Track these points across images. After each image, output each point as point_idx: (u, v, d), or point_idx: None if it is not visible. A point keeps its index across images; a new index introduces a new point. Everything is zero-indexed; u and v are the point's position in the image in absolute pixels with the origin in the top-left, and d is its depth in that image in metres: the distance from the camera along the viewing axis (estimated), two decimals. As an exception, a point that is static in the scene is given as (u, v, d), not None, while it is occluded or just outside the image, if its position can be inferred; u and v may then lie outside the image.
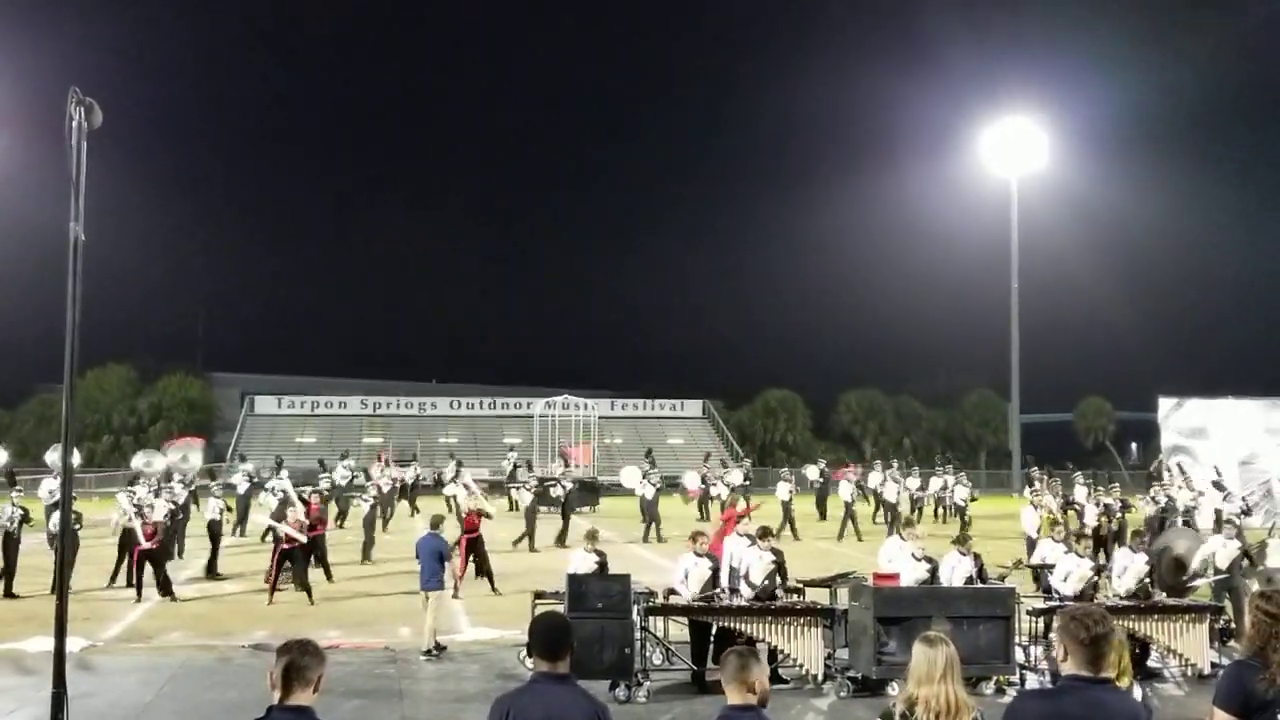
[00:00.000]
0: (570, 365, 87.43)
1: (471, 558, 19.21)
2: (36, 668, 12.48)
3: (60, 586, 6.77)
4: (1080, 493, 25.78)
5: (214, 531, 20.90)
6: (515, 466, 36.64)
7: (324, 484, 29.96)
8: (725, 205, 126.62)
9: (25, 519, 19.14)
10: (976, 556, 13.20)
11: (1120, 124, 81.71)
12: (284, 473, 24.75)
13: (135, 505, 18.98)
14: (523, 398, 66.91)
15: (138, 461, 27.81)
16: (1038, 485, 25.60)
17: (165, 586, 17.89)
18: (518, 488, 32.44)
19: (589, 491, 36.47)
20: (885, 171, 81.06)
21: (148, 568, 18.05)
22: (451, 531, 17.50)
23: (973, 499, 31.12)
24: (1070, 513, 24.30)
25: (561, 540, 25.70)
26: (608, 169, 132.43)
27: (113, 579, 19.33)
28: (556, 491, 28.70)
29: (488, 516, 20.20)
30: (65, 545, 6.80)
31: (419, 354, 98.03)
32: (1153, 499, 25.76)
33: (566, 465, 32.53)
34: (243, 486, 29.72)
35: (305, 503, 20.15)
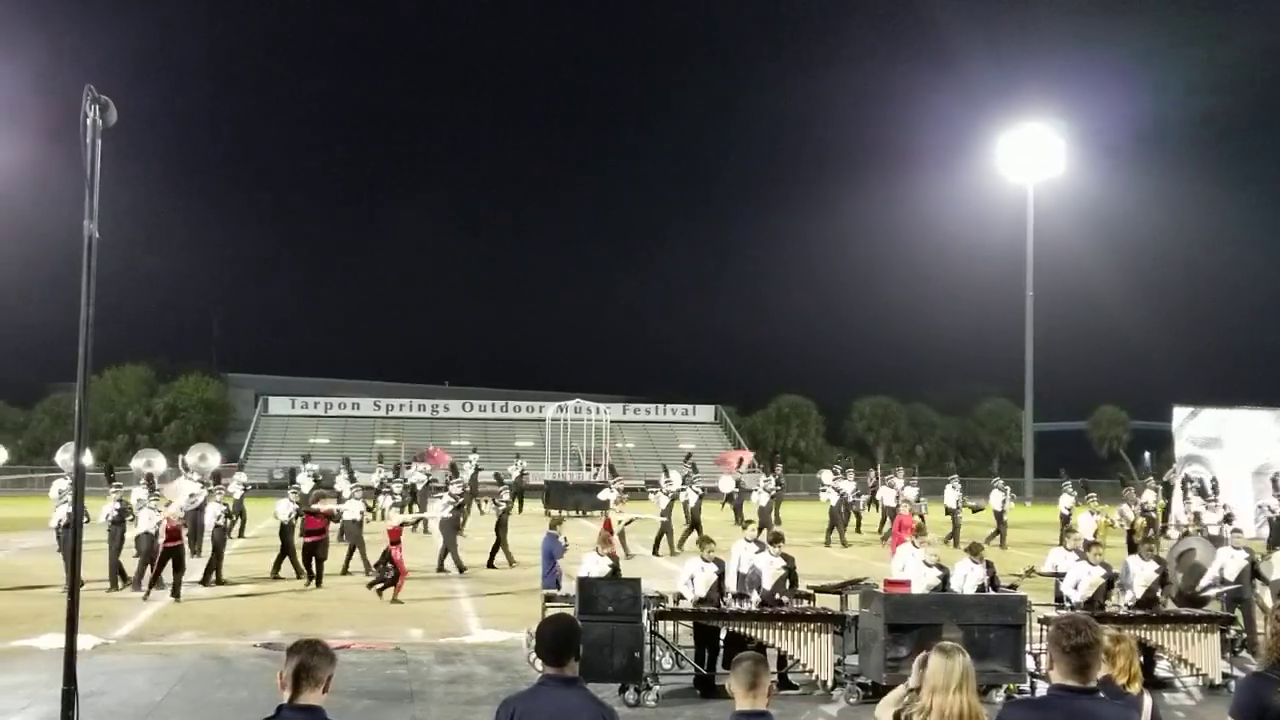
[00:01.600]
0: (582, 369, 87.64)
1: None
2: (47, 664, 12.52)
3: (72, 584, 6.80)
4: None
5: (216, 539, 20.25)
6: (476, 470, 36.21)
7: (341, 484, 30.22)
8: (740, 210, 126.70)
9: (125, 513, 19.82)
10: (989, 565, 13.17)
11: (1137, 131, 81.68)
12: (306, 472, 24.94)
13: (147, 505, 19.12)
14: (534, 401, 67.00)
15: (137, 462, 27.86)
16: (1095, 494, 25.70)
17: (176, 588, 17.91)
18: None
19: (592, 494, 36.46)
20: (901, 178, 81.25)
21: (168, 566, 18.08)
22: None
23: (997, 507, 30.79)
24: (1140, 521, 24.40)
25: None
26: (622, 174, 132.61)
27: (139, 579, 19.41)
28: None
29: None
30: (78, 543, 6.83)
31: (431, 356, 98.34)
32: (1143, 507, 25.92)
33: (615, 475, 32.08)
34: (307, 485, 30.14)
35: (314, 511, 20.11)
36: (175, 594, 17.83)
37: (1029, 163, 58.70)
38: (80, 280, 6.48)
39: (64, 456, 25.53)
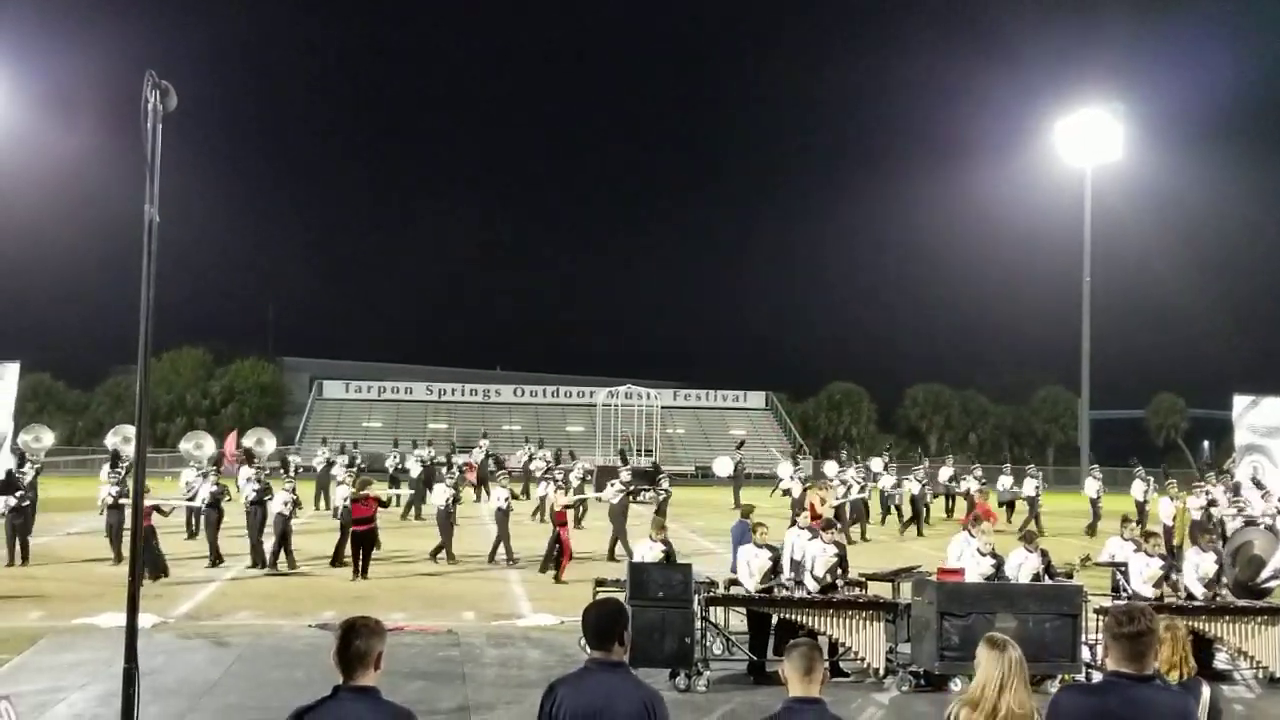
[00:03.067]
0: (634, 355, 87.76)
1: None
2: (107, 643, 12.77)
3: (133, 564, 6.91)
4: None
5: (281, 527, 19.93)
6: (488, 455, 36.17)
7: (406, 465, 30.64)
8: (793, 197, 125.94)
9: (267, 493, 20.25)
10: (1044, 553, 13.04)
11: (1198, 113, 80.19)
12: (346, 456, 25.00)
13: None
14: (585, 386, 67.13)
15: (186, 445, 28.25)
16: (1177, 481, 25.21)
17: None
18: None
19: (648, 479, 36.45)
20: (957, 163, 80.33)
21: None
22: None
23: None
24: (1208, 512, 23.97)
25: None
26: (674, 160, 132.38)
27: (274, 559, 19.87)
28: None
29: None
30: (138, 525, 6.93)
31: (483, 342, 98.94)
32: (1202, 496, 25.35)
33: (625, 462, 32.01)
34: (416, 470, 30.84)
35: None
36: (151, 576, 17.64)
37: (1087, 147, 57.76)
38: (141, 264, 6.56)
39: (114, 439, 25.85)
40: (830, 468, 33.64)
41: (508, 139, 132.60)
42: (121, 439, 25.57)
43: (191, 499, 21.91)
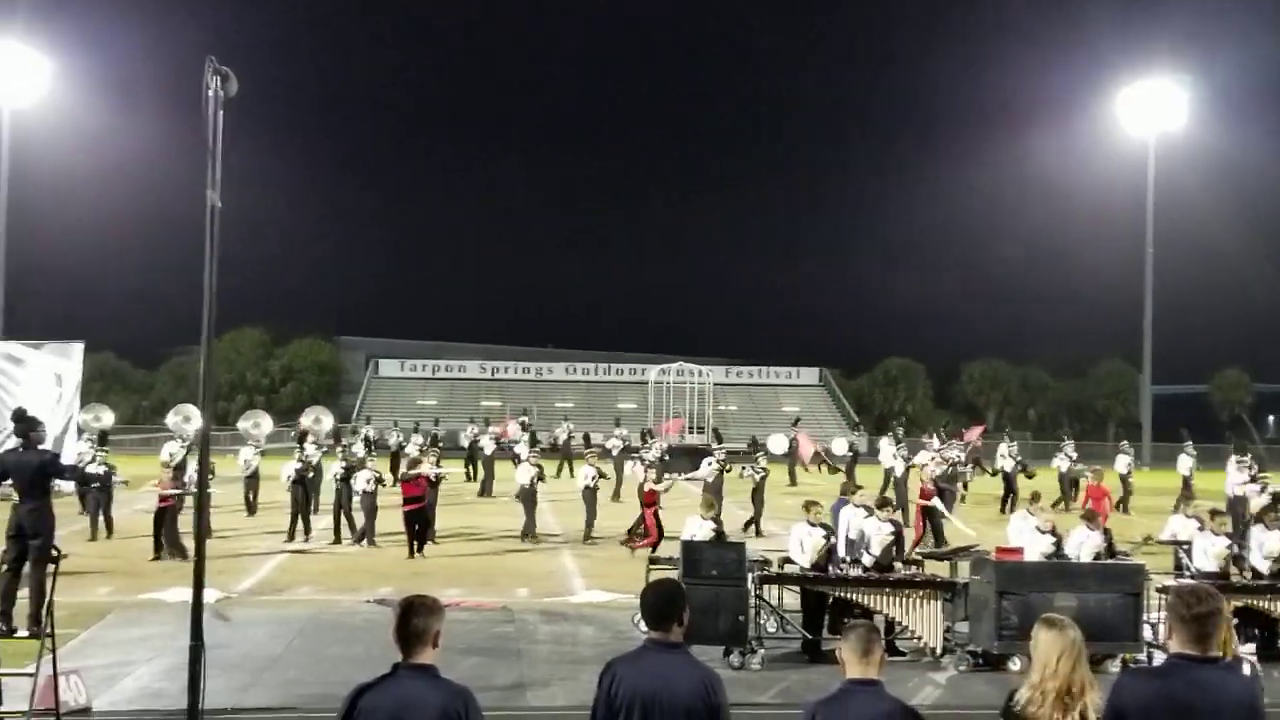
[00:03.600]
0: (685, 331, 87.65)
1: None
2: (173, 617, 13.02)
3: (198, 543, 7.03)
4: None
5: (366, 505, 20.09)
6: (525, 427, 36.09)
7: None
8: (847, 169, 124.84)
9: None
10: (1106, 532, 12.89)
11: (1263, 84, 78.42)
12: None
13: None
14: (637, 364, 67.20)
15: (244, 424, 28.58)
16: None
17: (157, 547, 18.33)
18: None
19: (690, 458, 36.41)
20: (1016, 132, 79.09)
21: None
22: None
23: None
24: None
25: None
26: (726, 135, 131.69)
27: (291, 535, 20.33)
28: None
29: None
30: (203, 502, 7.05)
31: (536, 319, 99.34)
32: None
33: (648, 439, 31.73)
34: (490, 449, 31.09)
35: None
36: (156, 553, 18.01)
37: (1150, 117, 56.58)
38: (203, 248, 6.65)
39: (174, 419, 26.22)
40: (885, 445, 33.35)
41: (560, 118, 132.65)
42: (181, 418, 25.93)
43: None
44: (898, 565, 12.41)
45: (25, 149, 41.77)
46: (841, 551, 12.80)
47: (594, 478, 21.26)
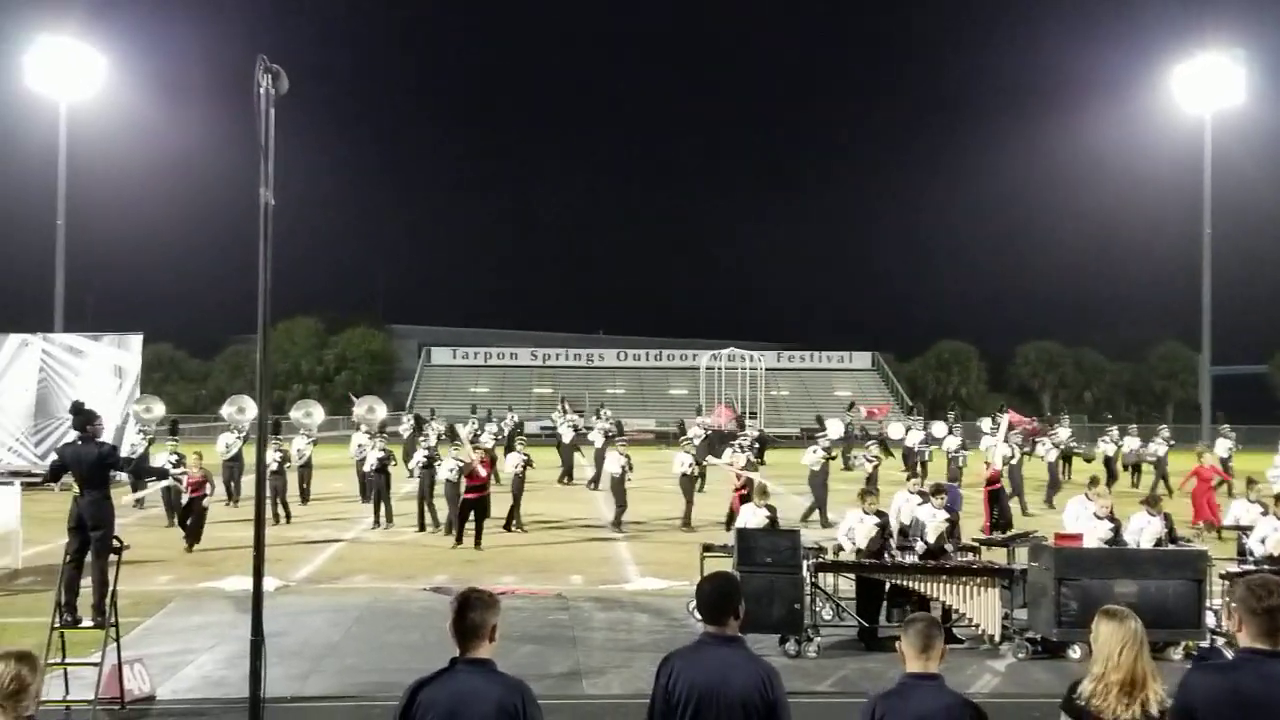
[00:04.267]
0: (737, 317, 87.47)
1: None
2: (232, 606, 13.21)
3: (257, 535, 7.10)
4: None
5: (515, 489, 20.59)
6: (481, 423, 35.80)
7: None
8: (898, 152, 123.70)
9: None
10: (1166, 517, 12.69)
11: (1325, 58, 76.49)
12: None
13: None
14: (689, 350, 67.12)
15: (296, 413, 28.85)
16: None
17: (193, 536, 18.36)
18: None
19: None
20: (1070, 113, 78.09)
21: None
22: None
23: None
24: None
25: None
26: (777, 121, 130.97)
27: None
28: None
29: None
30: (261, 492, 7.11)
31: (587, 306, 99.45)
32: None
33: (686, 428, 31.53)
34: (568, 436, 31.26)
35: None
36: (189, 542, 17.98)
37: (1207, 93, 55.45)
38: (256, 239, 6.71)
39: (229, 410, 26.53)
40: (939, 429, 33.07)
41: (609, 102, 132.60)
42: (236, 409, 26.21)
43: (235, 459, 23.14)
44: (952, 551, 12.31)
45: (82, 144, 42.41)
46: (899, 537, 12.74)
47: (623, 466, 21.13)
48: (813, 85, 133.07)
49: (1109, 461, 29.21)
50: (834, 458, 23.16)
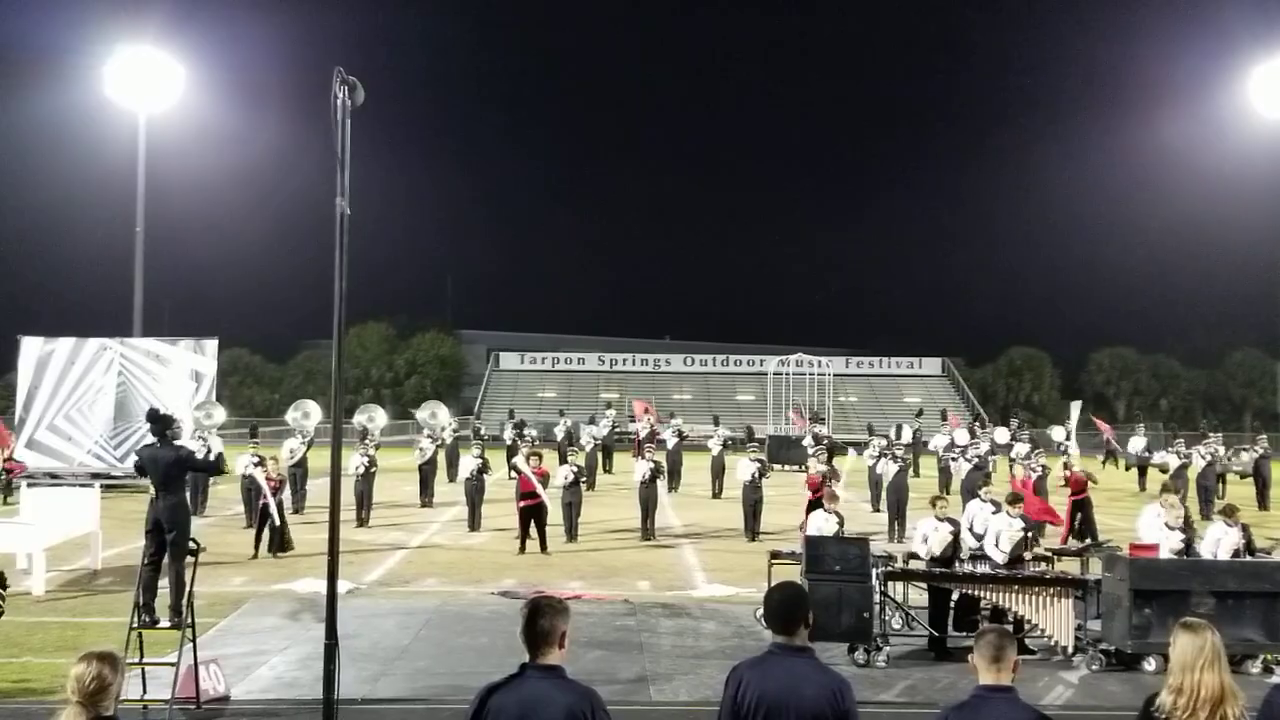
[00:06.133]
0: (805, 322, 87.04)
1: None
2: (305, 608, 13.41)
3: (332, 541, 7.20)
4: None
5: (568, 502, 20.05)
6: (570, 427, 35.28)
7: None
8: (968, 156, 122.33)
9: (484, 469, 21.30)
10: (1245, 528, 12.41)
11: None
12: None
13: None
14: (756, 355, 66.89)
15: (359, 418, 29.17)
16: None
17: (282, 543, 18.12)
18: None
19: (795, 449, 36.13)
20: (1145, 114, 76.63)
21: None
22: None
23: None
24: None
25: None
26: (843, 124, 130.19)
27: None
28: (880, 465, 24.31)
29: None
30: (336, 498, 7.22)
31: (654, 311, 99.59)
32: None
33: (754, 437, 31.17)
34: (671, 442, 30.97)
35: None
36: (282, 547, 17.84)
37: (1284, 94, 54.08)
38: (330, 244, 6.81)
39: (294, 415, 26.81)
40: (1002, 434, 32.63)
41: (674, 109, 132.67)
42: (301, 414, 26.51)
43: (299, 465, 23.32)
44: (1027, 561, 12.14)
45: (161, 152, 43.34)
46: (971, 544, 12.59)
47: (648, 473, 20.72)
48: (882, 90, 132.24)
49: (1178, 473, 28.54)
50: (909, 465, 22.84)
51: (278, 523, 17.87)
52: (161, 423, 10.63)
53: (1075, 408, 34.52)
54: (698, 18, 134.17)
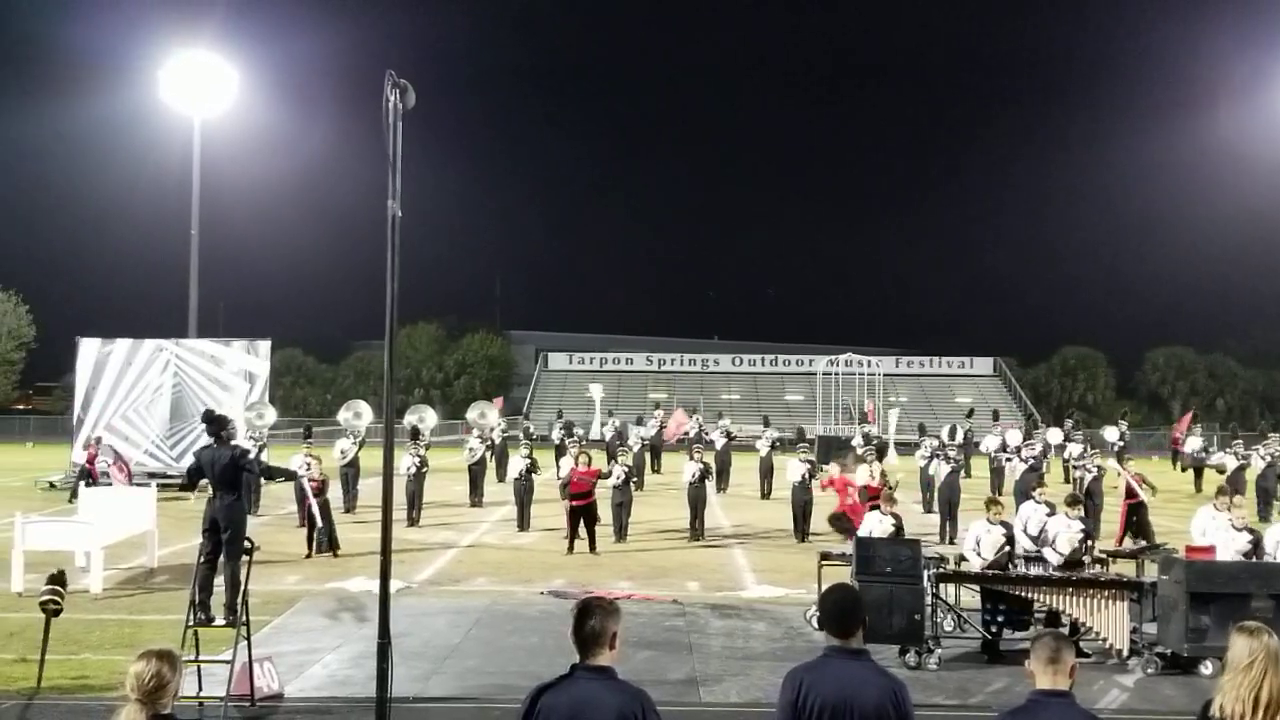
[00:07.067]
0: (854, 321, 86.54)
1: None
2: (357, 607, 13.53)
3: (384, 541, 7.25)
4: None
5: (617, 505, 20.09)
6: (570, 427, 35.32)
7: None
8: (1020, 153, 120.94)
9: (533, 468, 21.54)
10: (1306, 529, 12.17)
11: None
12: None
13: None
14: (805, 355, 66.60)
15: (410, 418, 29.37)
16: None
17: (331, 542, 18.24)
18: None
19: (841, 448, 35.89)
20: (1198, 112, 75.38)
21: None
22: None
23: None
24: None
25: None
26: (895, 123, 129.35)
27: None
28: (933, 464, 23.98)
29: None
30: (389, 498, 7.27)
31: (702, 311, 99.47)
32: None
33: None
34: (720, 442, 30.97)
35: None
36: (331, 547, 17.93)
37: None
38: (381, 246, 6.86)
39: (345, 415, 27.01)
40: (1055, 435, 32.21)
41: (722, 108, 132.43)
42: (353, 414, 26.72)
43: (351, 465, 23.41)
44: (1085, 563, 12.00)
45: (215, 156, 43.91)
46: (1026, 546, 12.46)
47: (697, 473, 20.67)
48: (931, 88, 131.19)
49: (1235, 474, 27.99)
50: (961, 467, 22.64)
51: (319, 524, 18.03)
52: (216, 423, 10.78)
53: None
54: (748, 13, 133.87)
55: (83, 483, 21.27)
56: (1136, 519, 19.03)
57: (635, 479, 22.69)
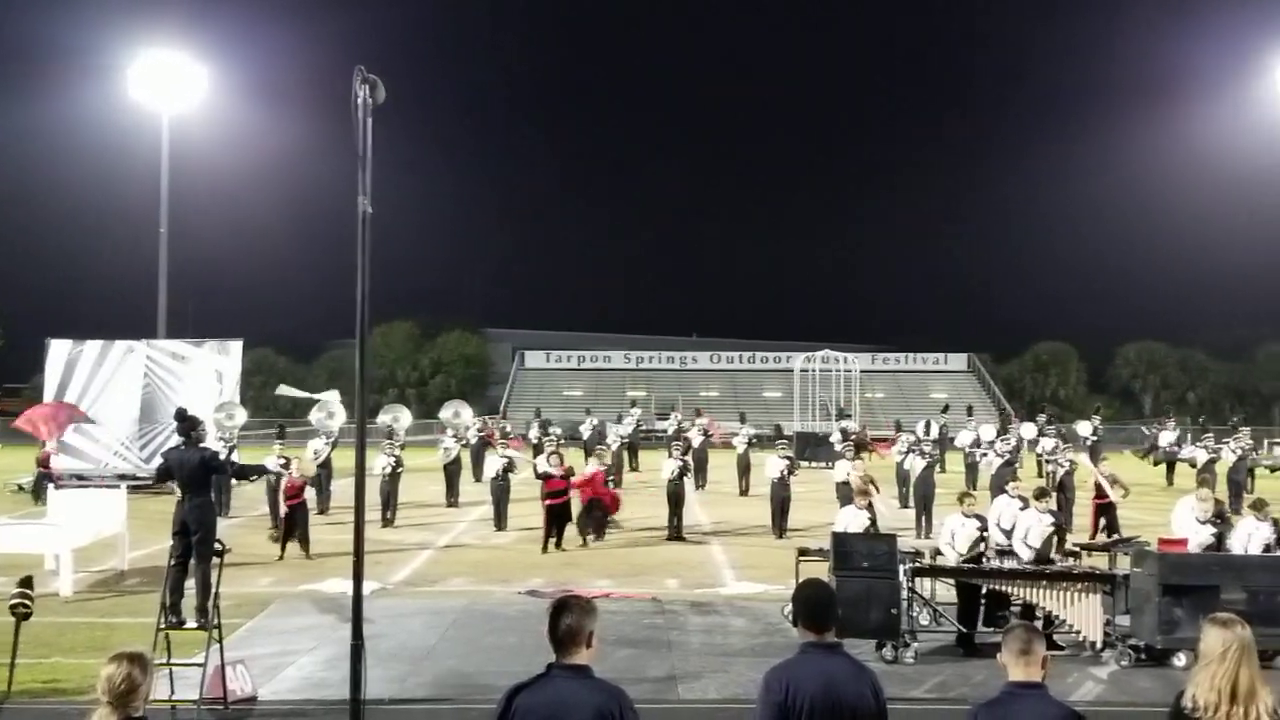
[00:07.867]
0: (831, 318, 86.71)
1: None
2: (332, 608, 13.44)
3: (357, 541, 7.21)
4: None
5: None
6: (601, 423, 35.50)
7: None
8: (990, 147, 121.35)
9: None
10: (1276, 523, 12.28)
11: None
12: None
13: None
14: (782, 352, 66.67)
15: (384, 417, 29.24)
16: None
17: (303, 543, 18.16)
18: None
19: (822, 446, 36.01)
20: (1169, 103, 75.77)
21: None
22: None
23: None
24: None
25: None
26: (867, 116, 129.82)
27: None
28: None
29: None
30: (361, 498, 7.22)
31: (680, 309, 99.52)
32: None
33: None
34: (697, 439, 30.81)
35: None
36: (303, 549, 17.80)
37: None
38: (354, 244, 6.81)
39: (318, 415, 26.84)
40: (1028, 430, 32.36)
41: (700, 110, 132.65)
42: (325, 414, 26.57)
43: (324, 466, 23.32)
44: (1056, 557, 12.06)
45: (184, 153, 43.59)
46: (1000, 541, 12.52)
47: (676, 470, 20.62)
48: (903, 85, 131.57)
49: (1206, 467, 28.21)
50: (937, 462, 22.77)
51: (297, 529, 17.97)
52: (188, 423, 10.69)
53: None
54: (722, 13, 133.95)
55: (50, 485, 21.09)
56: (1105, 520, 19.13)
57: (614, 477, 22.66)
